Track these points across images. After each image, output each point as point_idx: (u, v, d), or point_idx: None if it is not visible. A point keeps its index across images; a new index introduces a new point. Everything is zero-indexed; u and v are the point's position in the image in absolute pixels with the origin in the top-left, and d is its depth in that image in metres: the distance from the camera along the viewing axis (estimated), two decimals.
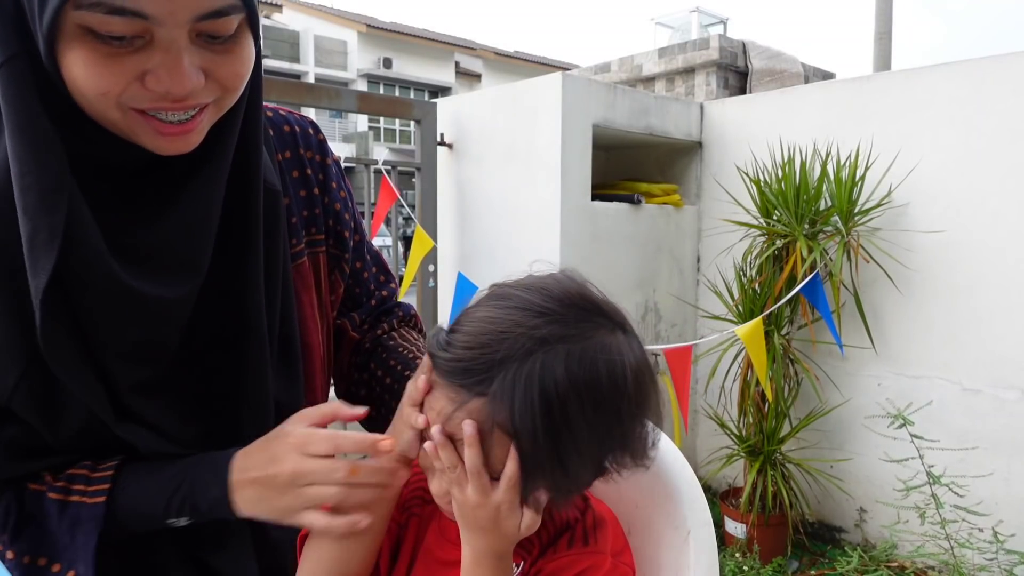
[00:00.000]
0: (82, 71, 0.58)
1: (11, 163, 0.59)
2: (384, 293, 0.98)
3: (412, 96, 21.46)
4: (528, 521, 0.63)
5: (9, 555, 0.66)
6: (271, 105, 0.85)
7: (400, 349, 0.93)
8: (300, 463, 0.64)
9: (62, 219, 0.60)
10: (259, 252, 0.73)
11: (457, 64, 26.62)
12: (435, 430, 0.61)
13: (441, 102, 2.95)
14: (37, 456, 0.68)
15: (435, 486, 0.65)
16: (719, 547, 2.64)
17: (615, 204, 2.89)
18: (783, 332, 2.72)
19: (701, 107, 3.24)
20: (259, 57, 0.68)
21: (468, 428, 0.59)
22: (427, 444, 0.63)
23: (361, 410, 0.69)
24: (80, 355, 0.65)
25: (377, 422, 0.86)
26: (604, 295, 0.67)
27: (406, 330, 0.98)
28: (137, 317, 0.66)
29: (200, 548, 0.74)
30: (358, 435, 0.66)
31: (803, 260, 2.48)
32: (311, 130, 0.88)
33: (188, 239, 0.68)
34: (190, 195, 0.68)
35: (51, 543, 0.66)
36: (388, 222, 2.78)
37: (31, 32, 0.58)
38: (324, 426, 0.69)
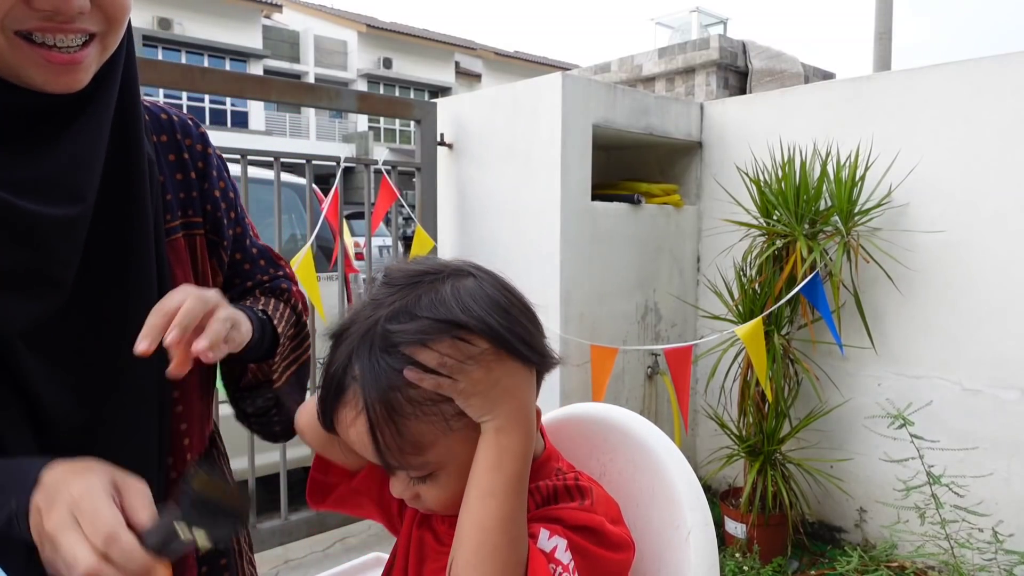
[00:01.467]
0: None
1: None
2: (264, 278, 0.97)
3: (412, 96, 21.48)
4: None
5: None
6: (148, 100, 0.87)
7: (247, 301, 0.92)
8: (60, 529, 0.56)
9: None
10: (146, 189, 0.75)
11: (457, 64, 26.62)
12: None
13: (441, 102, 2.95)
14: None
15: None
16: (719, 547, 2.64)
17: (615, 204, 2.89)
18: (783, 332, 2.72)
19: (701, 107, 3.24)
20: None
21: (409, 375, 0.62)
22: None
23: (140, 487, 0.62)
24: None
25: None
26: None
27: (266, 296, 0.95)
28: (26, 239, 0.66)
29: None
30: (127, 552, 0.55)
31: (803, 260, 2.48)
32: (191, 123, 0.89)
33: (75, 171, 0.69)
34: (76, 130, 0.69)
35: None
36: (388, 222, 2.78)
37: None
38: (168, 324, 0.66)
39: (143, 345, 0.64)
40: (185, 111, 0.92)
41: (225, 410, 1.03)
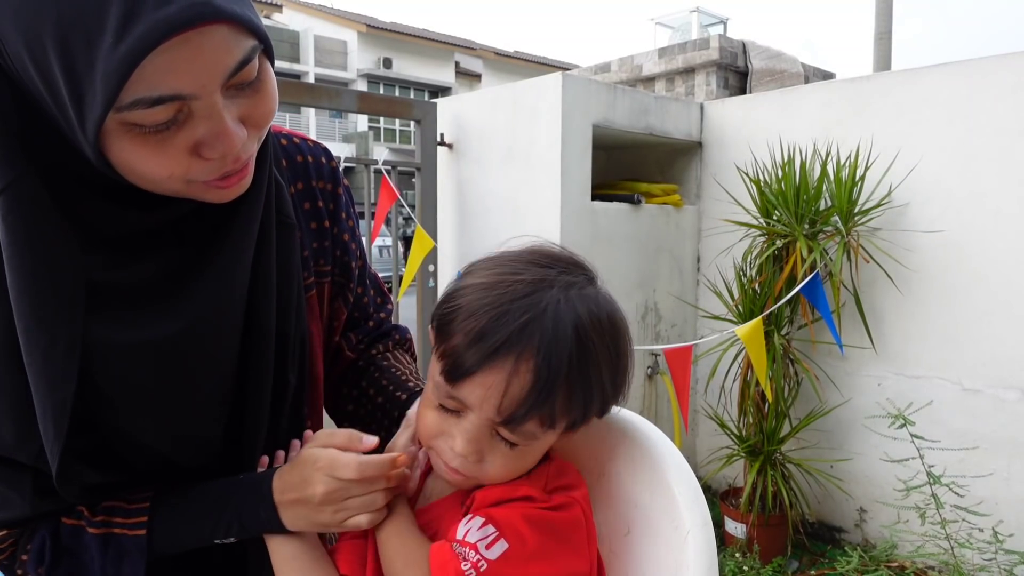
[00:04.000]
0: (138, 163, 0.58)
1: (15, 279, 0.59)
2: (382, 315, 0.99)
3: (412, 96, 21.46)
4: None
5: None
6: (284, 130, 0.85)
7: (393, 369, 0.94)
8: (329, 484, 0.69)
9: (80, 330, 0.61)
10: (272, 286, 0.75)
11: (457, 64, 26.62)
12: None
13: (441, 102, 2.95)
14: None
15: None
16: (719, 547, 2.64)
17: (615, 204, 2.89)
18: (783, 332, 2.72)
19: (701, 107, 3.24)
20: None
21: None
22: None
23: (372, 441, 0.73)
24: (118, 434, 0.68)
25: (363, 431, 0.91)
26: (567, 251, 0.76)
27: (400, 352, 1.00)
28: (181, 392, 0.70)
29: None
30: (377, 459, 0.70)
31: (803, 260, 2.48)
32: (324, 158, 0.87)
33: (228, 289, 0.70)
34: (232, 238, 0.69)
35: (91, 574, 0.69)
36: (388, 222, 2.78)
37: (41, 145, 0.58)
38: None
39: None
40: None
41: None
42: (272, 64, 0.64)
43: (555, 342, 0.64)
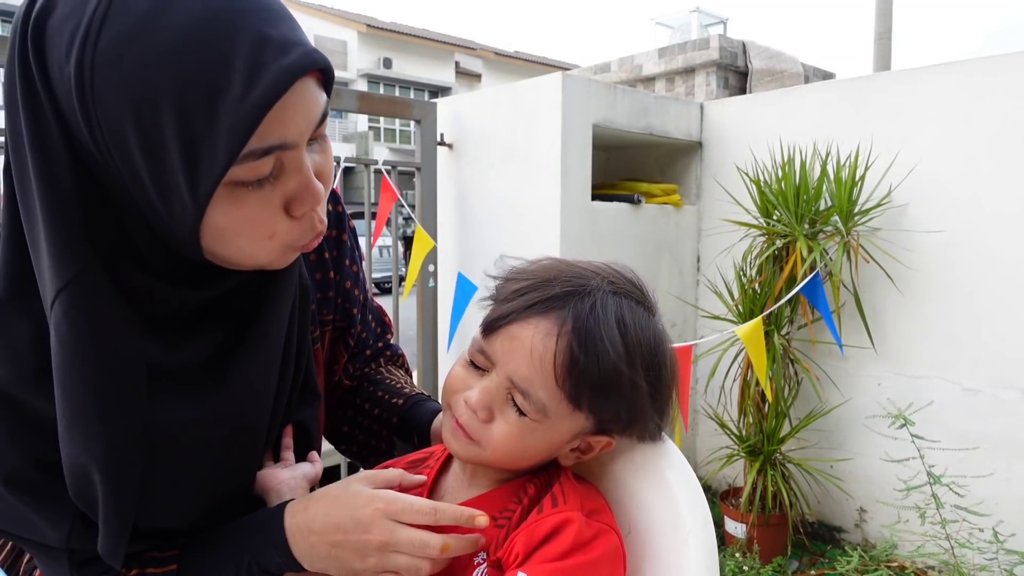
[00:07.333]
0: (243, 226, 0.58)
1: (80, 372, 0.57)
2: (380, 344, 0.99)
3: (412, 96, 21.46)
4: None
5: None
6: None
7: (387, 381, 0.94)
8: (393, 532, 0.63)
9: (143, 417, 0.61)
10: (295, 348, 0.75)
11: (457, 64, 26.62)
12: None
13: (441, 102, 2.95)
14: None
15: None
16: (719, 547, 2.64)
17: (615, 204, 2.89)
18: (783, 332, 2.72)
19: (701, 107, 3.24)
20: None
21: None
22: None
23: (420, 479, 0.72)
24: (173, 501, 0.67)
25: (363, 448, 0.92)
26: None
27: (393, 367, 0.99)
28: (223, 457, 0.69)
29: None
30: (455, 509, 0.65)
31: (803, 260, 2.48)
32: (330, 204, 0.86)
33: (271, 357, 0.70)
34: (273, 295, 0.69)
35: None
36: (388, 222, 2.78)
37: (105, 233, 0.57)
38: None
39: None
40: None
41: None
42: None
43: (592, 321, 0.65)
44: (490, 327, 0.68)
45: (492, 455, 0.69)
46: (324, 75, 0.59)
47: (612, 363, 0.65)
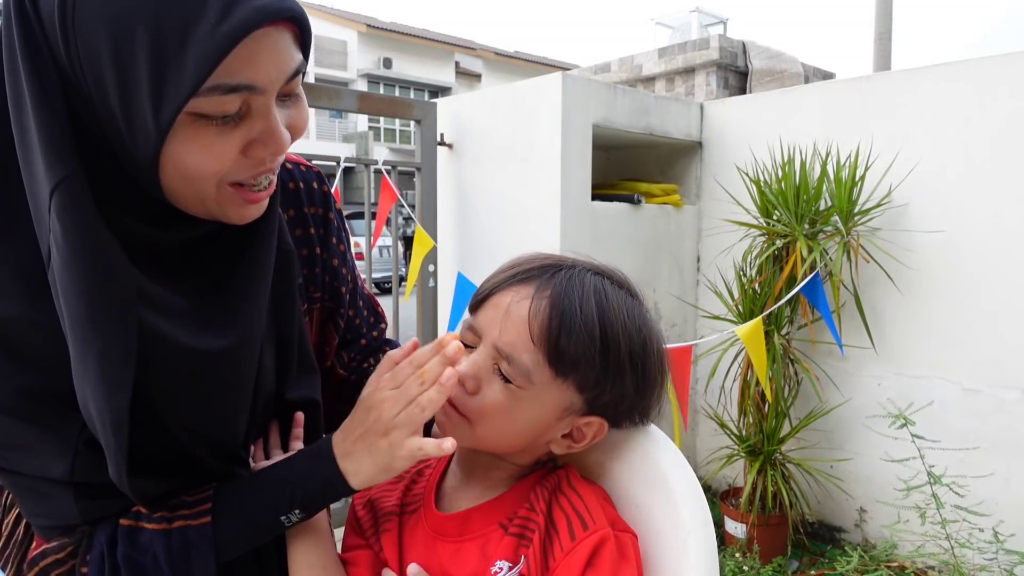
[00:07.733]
0: (195, 156, 0.59)
1: (70, 281, 0.58)
2: (375, 334, 0.99)
3: (412, 96, 21.46)
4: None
5: None
6: None
7: None
8: (389, 396, 0.69)
9: (134, 337, 0.61)
10: (264, 310, 0.75)
11: (457, 64, 26.61)
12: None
13: (441, 102, 2.95)
14: (120, 494, 0.67)
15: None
16: (719, 547, 2.64)
17: (615, 204, 2.89)
18: (783, 332, 2.72)
19: (701, 107, 3.24)
20: None
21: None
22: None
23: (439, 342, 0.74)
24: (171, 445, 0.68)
25: None
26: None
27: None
28: (216, 381, 0.69)
29: None
30: (430, 347, 0.70)
31: (803, 260, 2.48)
32: (315, 183, 0.88)
33: (247, 301, 0.71)
34: (249, 258, 0.70)
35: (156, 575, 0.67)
36: (388, 222, 2.78)
37: (85, 152, 0.58)
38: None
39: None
40: None
41: None
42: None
43: (569, 288, 0.69)
44: (476, 303, 0.73)
45: (482, 431, 0.70)
46: (302, 36, 0.61)
47: (589, 328, 0.68)
